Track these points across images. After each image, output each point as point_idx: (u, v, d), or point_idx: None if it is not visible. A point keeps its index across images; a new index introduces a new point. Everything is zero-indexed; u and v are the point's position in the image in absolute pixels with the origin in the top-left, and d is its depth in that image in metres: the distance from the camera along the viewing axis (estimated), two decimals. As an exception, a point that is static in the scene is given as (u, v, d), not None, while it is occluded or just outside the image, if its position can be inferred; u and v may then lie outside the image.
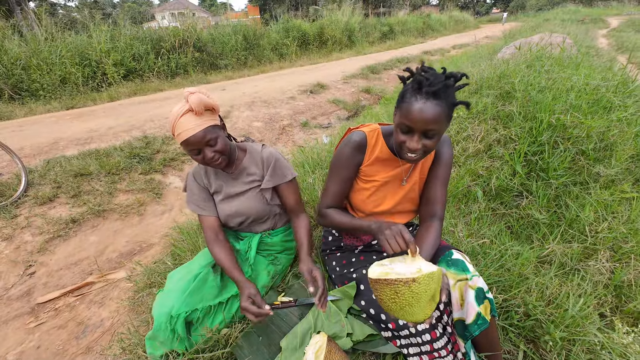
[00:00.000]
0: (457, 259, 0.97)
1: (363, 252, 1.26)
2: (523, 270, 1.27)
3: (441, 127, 0.85)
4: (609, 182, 1.88)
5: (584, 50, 4.39)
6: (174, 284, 1.13)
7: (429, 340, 0.98)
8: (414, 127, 0.85)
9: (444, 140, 1.09)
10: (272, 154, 1.24)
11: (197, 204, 1.24)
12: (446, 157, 1.09)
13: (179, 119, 1.01)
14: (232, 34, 8.63)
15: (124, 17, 7.48)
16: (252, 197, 1.24)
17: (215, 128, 1.07)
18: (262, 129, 4.04)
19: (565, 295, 1.22)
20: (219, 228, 1.24)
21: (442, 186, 1.10)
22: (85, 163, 2.86)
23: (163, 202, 2.64)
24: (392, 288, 0.71)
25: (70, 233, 2.24)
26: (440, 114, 0.82)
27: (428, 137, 0.87)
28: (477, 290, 0.90)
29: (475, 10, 42.28)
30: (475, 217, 1.67)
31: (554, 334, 1.07)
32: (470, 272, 0.93)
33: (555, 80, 2.22)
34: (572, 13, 18.36)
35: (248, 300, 1.03)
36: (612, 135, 1.97)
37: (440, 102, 0.82)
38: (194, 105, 0.99)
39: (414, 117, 0.83)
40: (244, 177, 1.24)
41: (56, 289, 1.79)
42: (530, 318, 1.17)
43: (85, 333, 1.45)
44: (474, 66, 3.60)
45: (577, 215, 1.60)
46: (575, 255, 1.40)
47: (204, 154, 1.05)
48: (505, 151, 1.92)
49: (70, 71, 5.91)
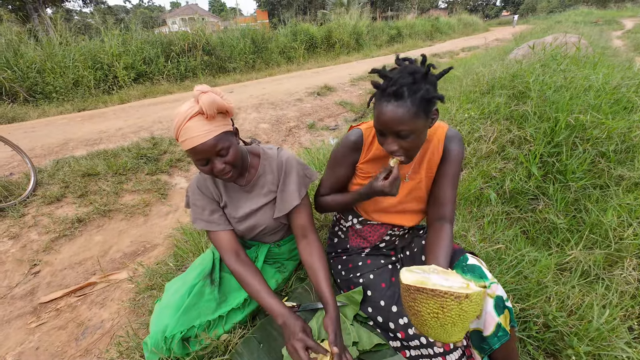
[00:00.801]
0: (474, 264, 0.90)
1: (370, 256, 1.20)
2: (542, 277, 1.19)
3: (412, 127, 0.80)
4: (631, 186, 1.77)
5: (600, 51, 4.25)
6: (169, 299, 1.05)
7: (441, 353, 0.91)
8: (384, 130, 0.84)
9: (453, 137, 1.03)
10: (292, 160, 1.07)
11: (206, 219, 1.05)
12: (455, 155, 1.02)
13: (186, 123, 0.85)
14: (241, 38, 8.72)
15: (135, 22, 7.62)
16: (268, 209, 1.10)
17: (228, 135, 0.91)
18: (268, 130, 4.03)
19: (588, 305, 1.14)
20: (237, 245, 1.06)
21: (452, 185, 1.04)
22: (93, 163, 2.87)
23: (168, 202, 2.63)
24: (439, 302, 0.59)
25: (75, 233, 2.24)
26: (404, 115, 0.78)
27: (402, 138, 0.83)
28: (496, 298, 0.83)
29: (484, 14, 41.92)
30: (489, 220, 1.59)
31: (578, 348, 0.99)
32: (489, 279, 0.86)
33: (573, 79, 2.13)
34: (584, 15, 18.00)
35: (300, 343, 0.83)
36: (635, 137, 1.87)
37: (403, 101, 0.78)
38: (206, 107, 0.83)
39: (381, 120, 0.82)
40: (259, 189, 1.09)
41: (59, 289, 1.78)
42: (550, 330, 1.09)
43: (84, 335, 1.42)
44: (485, 67, 3.52)
45: (598, 220, 1.50)
46: (598, 262, 1.31)
47: (212, 164, 0.90)
48: (520, 152, 1.84)
49: (83, 74, 6.04)
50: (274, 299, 0.95)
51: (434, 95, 0.80)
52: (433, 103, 0.82)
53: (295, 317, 0.90)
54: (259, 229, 1.13)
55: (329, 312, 0.92)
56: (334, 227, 1.32)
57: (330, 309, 0.93)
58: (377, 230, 1.16)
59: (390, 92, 0.79)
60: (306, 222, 1.08)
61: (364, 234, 1.19)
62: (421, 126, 0.82)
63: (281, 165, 1.08)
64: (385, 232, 1.16)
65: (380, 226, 1.16)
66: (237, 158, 0.94)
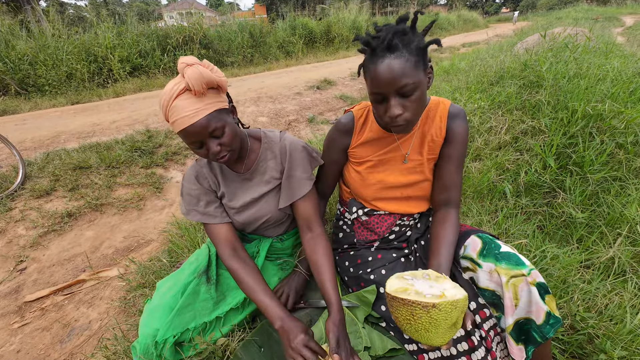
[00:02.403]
0: (509, 252, 0.82)
1: (380, 250, 1.09)
2: (568, 275, 1.09)
3: (415, 79, 0.73)
4: (651, 179, 1.68)
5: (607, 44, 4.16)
6: (160, 298, 0.94)
7: (466, 351, 0.81)
8: (385, 92, 0.75)
9: (456, 114, 0.93)
10: (296, 143, 0.97)
11: (201, 211, 0.96)
12: (459, 133, 0.93)
13: (173, 102, 0.75)
14: (239, 31, 8.56)
15: (130, 15, 7.44)
16: (270, 200, 1.00)
17: (222, 113, 0.81)
18: (267, 124, 3.91)
19: (616, 306, 1.05)
20: (236, 240, 0.97)
21: (457, 168, 0.96)
22: (85, 156, 2.76)
23: (164, 196, 2.52)
24: (409, 309, 0.62)
25: (65, 227, 2.13)
26: (405, 66, 0.72)
27: (406, 96, 0.75)
28: (537, 285, 0.75)
29: (484, 10, 41.77)
30: (504, 214, 1.50)
31: (612, 353, 0.90)
32: (527, 266, 0.77)
33: (588, 67, 2.03)
34: (585, 11, 17.86)
35: (301, 343, 0.76)
36: (653, 128, 1.77)
37: (400, 53, 0.72)
38: (193, 82, 0.73)
39: (380, 80, 0.74)
40: (259, 176, 0.99)
41: (46, 287, 1.67)
42: (577, 332, 1.00)
43: (70, 337, 1.32)
44: (492, 57, 3.41)
45: (621, 214, 1.41)
46: (626, 259, 1.22)
47: (207, 146, 0.81)
48: (536, 143, 1.74)
49: (76, 67, 5.87)
50: (271, 299, 0.86)
51: (429, 41, 0.76)
52: (427, 56, 0.77)
53: (295, 320, 0.82)
54: (261, 221, 1.02)
55: (332, 315, 0.83)
56: (338, 221, 1.22)
57: (334, 310, 0.83)
58: (385, 220, 1.07)
59: (383, 47, 0.73)
60: (312, 213, 0.98)
61: (371, 225, 1.09)
62: (421, 78, 0.75)
63: (284, 150, 0.97)
64: (393, 223, 1.06)
65: (388, 216, 1.06)
66: (234, 139, 0.84)
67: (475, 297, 0.86)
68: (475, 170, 1.75)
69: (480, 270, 0.85)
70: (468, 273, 0.90)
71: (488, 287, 0.84)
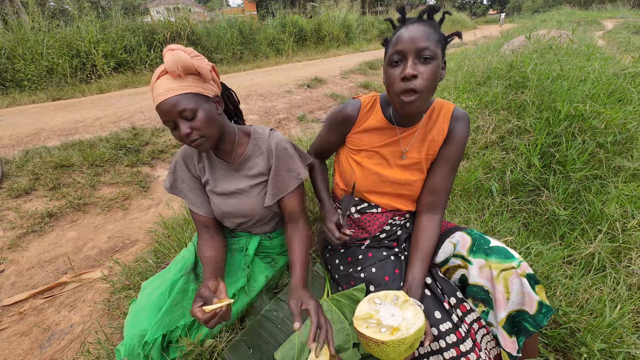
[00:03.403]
0: (498, 246, 0.84)
1: (371, 248, 1.10)
2: (551, 271, 1.12)
3: (435, 48, 0.77)
4: (629, 177, 1.75)
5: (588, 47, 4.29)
6: (147, 298, 0.93)
7: (454, 342, 0.83)
8: (405, 49, 0.77)
9: (460, 117, 0.94)
10: (283, 142, 0.98)
11: (184, 194, 1.01)
12: (460, 136, 0.94)
13: (156, 82, 0.81)
14: (228, 28, 8.42)
15: (115, 8, 7.21)
16: (255, 195, 1.00)
17: (199, 98, 0.82)
18: (257, 122, 3.87)
19: (596, 300, 1.08)
20: (215, 228, 1.03)
21: (450, 171, 0.97)
22: (67, 154, 2.66)
23: (150, 195, 2.46)
24: (364, 340, 0.74)
25: (46, 228, 2.05)
26: (430, 32, 0.77)
27: (423, 62, 0.77)
28: (527, 276, 0.78)
29: (472, 12, 42.48)
30: (490, 212, 1.52)
31: (592, 346, 0.93)
32: (517, 259, 0.80)
33: (570, 69, 2.09)
34: (568, 15, 18.36)
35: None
36: (631, 128, 1.84)
37: (426, 23, 0.79)
38: (168, 65, 0.78)
39: (404, 38, 0.78)
40: (247, 170, 1.00)
41: (25, 290, 1.61)
42: (560, 326, 1.02)
43: (50, 341, 1.27)
44: (480, 58, 3.47)
45: (601, 212, 1.46)
46: (605, 255, 1.26)
47: (179, 128, 0.82)
48: (521, 142, 1.78)
49: (57, 62, 5.66)
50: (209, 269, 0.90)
51: (452, 33, 0.83)
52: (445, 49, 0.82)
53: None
54: (244, 215, 1.03)
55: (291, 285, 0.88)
56: None
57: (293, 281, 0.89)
58: (377, 219, 1.07)
59: (413, 19, 0.81)
60: (297, 208, 1.01)
61: (363, 223, 1.09)
62: (439, 54, 0.78)
63: (271, 148, 0.98)
64: (385, 222, 1.07)
65: (380, 215, 1.06)
66: (208, 125, 0.84)
67: (454, 292, 0.90)
68: (463, 169, 1.77)
69: (470, 267, 0.87)
70: (458, 272, 0.92)
71: (478, 282, 0.86)
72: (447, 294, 0.90)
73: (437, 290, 0.91)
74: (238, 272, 1.08)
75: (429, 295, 0.90)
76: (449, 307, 0.88)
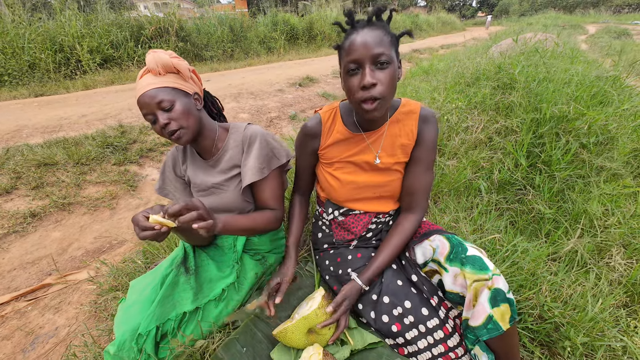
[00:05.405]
0: (474, 255, 0.84)
1: (359, 248, 1.11)
2: (537, 268, 1.16)
3: (389, 55, 0.77)
4: (609, 176, 1.81)
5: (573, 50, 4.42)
6: (138, 295, 0.94)
7: (442, 338, 0.86)
8: (360, 58, 0.77)
9: (427, 117, 0.95)
10: (256, 133, 1.00)
11: (172, 194, 1.08)
12: (429, 137, 0.96)
13: (139, 80, 0.88)
14: (218, 25, 8.31)
15: (101, 2, 7.01)
16: (233, 188, 1.02)
17: (177, 92, 0.88)
18: (248, 120, 3.84)
19: (579, 295, 1.12)
20: None
21: (425, 171, 0.98)
22: (51, 152, 2.58)
23: (138, 195, 2.41)
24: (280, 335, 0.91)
25: (28, 228, 1.99)
26: (382, 36, 0.77)
27: (380, 68, 0.78)
28: (493, 291, 0.78)
29: (461, 14, 43.15)
30: (479, 211, 1.56)
31: (575, 340, 0.96)
32: (490, 271, 0.80)
33: (555, 71, 2.15)
34: (553, 19, 18.89)
35: None
36: (612, 129, 1.91)
37: (376, 27, 0.79)
38: (149, 64, 0.86)
39: (357, 46, 0.77)
40: (223, 164, 1.02)
41: (6, 292, 1.55)
42: (545, 321, 1.06)
43: (34, 345, 1.23)
44: (469, 59, 3.53)
45: (584, 210, 1.51)
46: (588, 251, 1.31)
47: (157, 120, 0.86)
48: (508, 142, 1.82)
49: (40, 57, 5.47)
50: None
51: (403, 31, 0.84)
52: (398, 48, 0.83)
53: None
54: (225, 212, 1.03)
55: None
56: (317, 222, 1.22)
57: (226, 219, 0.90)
58: (361, 220, 1.08)
59: (362, 23, 0.80)
60: (267, 198, 1.03)
61: (347, 225, 1.10)
62: (394, 57, 0.79)
63: (245, 139, 1.00)
64: (369, 221, 1.08)
65: (364, 215, 1.07)
66: (186, 116, 0.89)
67: (435, 291, 0.93)
68: (453, 168, 1.81)
69: (446, 274, 0.88)
70: (436, 276, 0.94)
71: (453, 290, 0.88)
72: (430, 293, 0.93)
73: (422, 288, 0.93)
74: (227, 268, 1.08)
75: (415, 292, 0.92)
76: (435, 304, 0.90)
